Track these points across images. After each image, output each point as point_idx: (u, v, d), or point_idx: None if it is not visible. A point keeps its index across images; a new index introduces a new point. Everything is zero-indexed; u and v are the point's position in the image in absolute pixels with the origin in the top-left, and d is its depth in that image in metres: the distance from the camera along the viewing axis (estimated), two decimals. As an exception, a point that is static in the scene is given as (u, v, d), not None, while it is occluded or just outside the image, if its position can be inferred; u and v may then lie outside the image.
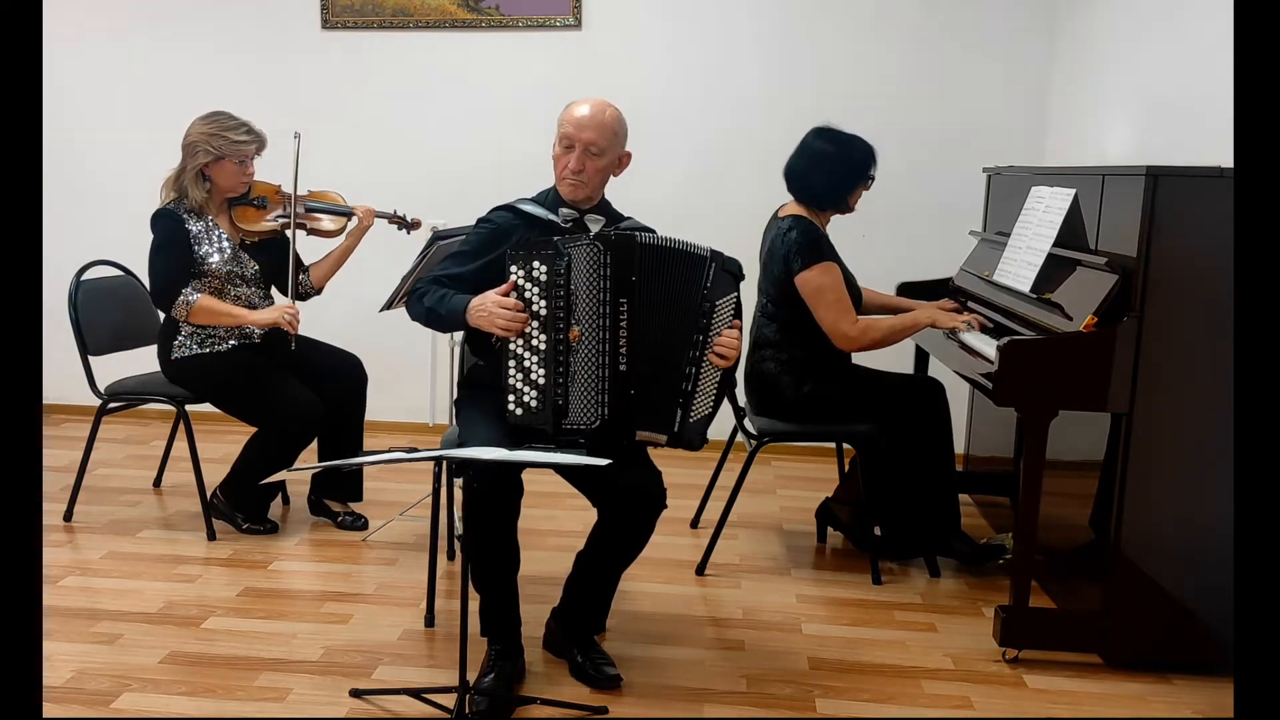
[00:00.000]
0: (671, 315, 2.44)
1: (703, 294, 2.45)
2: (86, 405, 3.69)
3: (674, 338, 2.45)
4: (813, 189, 3.10)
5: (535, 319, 2.40)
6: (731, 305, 2.50)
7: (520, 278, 2.40)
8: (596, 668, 2.51)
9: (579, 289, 2.39)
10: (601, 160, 2.56)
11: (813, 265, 3.00)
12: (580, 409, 2.41)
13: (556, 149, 2.58)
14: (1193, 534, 2.55)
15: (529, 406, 2.42)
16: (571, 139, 2.54)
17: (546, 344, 2.40)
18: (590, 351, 2.40)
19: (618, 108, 2.62)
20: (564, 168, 2.56)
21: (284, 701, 2.43)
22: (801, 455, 4.45)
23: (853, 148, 3.10)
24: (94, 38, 4.66)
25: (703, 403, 2.48)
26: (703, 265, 2.45)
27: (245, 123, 3.33)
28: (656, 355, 2.43)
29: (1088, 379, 2.52)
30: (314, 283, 3.56)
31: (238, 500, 3.44)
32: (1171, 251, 2.46)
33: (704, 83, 4.41)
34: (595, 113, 2.55)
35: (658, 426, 2.45)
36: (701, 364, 2.46)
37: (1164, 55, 3.28)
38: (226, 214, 3.39)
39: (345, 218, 3.54)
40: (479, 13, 4.46)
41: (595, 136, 2.53)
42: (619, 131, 2.59)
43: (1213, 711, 2.45)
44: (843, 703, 2.47)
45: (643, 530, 2.45)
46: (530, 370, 2.42)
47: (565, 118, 2.57)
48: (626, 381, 2.41)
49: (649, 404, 2.44)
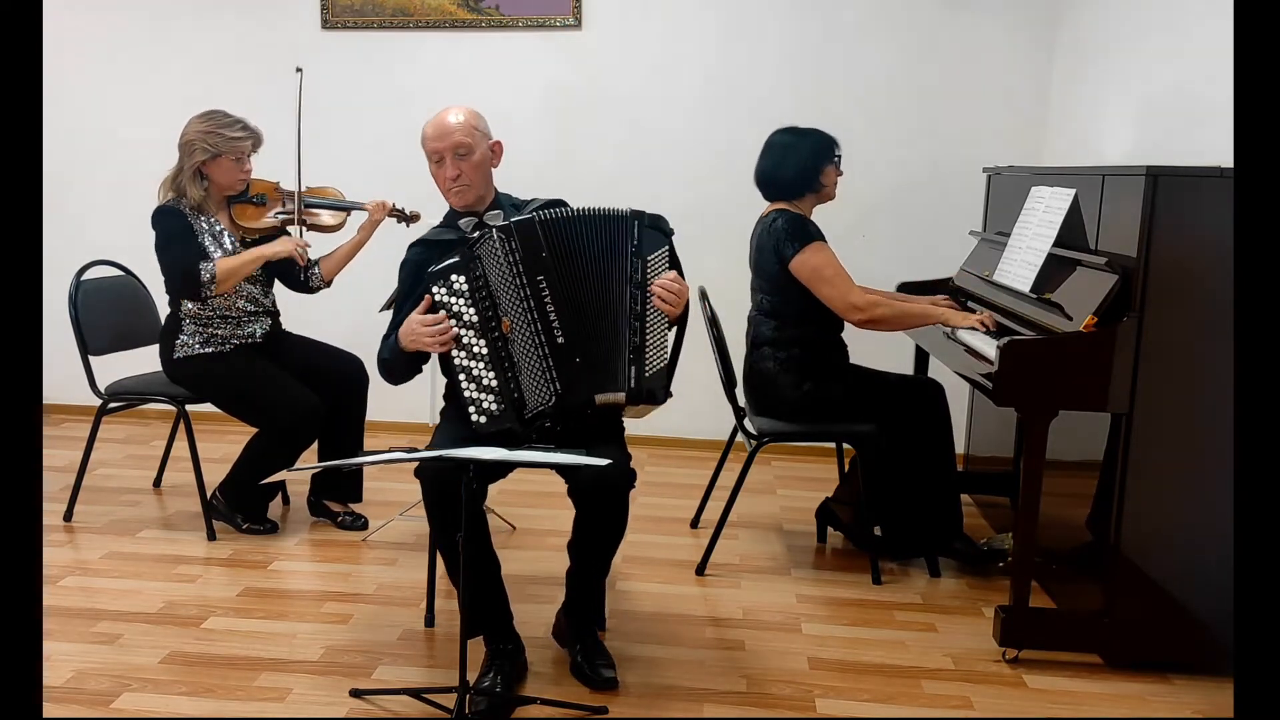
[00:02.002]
0: (598, 277, 2.47)
1: (630, 250, 2.47)
2: (86, 405, 3.69)
3: (607, 298, 2.47)
4: (783, 180, 3.14)
5: (469, 328, 2.44)
6: (664, 258, 2.50)
7: (443, 295, 2.44)
8: (594, 669, 2.50)
9: (497, 283, 2.44)
10: (473, 157, 2.59)
11: (804, 247, 3.02)
12: (534, 393, 2.44)
13: (431, 168, 2.63)
14: (1193, 534, 2.55)
15: (490, 413, 2.44)
16: (439, 152, 2.59)
17: (487, 347, 2.44)
18: (525, 335, 2.44)
19: (467, 107, 2.66)
20: (444, 181, 2.62)
21: (284, 701, 2.43)
22: (801, 455, 4.45)
23: (811, 134, 3.17)
24: (93, 38, 4.66)
25: (655, 355, 2.48)
26: (622, 223, 2.48)
27: (241, 120, 3.33)
28: (594, 319, 2.46)
29: (1088, 379, 2.52)
30: (324, 276, 3.54)
31: (237, 500, 3.44)
32: (1171, 251, 2.46)
33: (704, 82, 4.41)
34: (448, 119, 2.60)
35: (613, 386, 2.46)
36: (645, 317, 2.47)
37: (1164, 55, 3.28)
38: (226, 212, 3.38)
39: (345, 212, 3.54)
40: (479, 13, 4.46)
41: (459, 138, 2.57)
42: (477, 126, 2.63)
43: (1213, 711, 2.45)
44: (843, 703, 2.47)
45: (616, 510, 2.43)
46: (481, 377, 2.44)
47: (425, 138, 2.62)
48: (569, 352, 2.44)
49: (598, 367, 2.46)
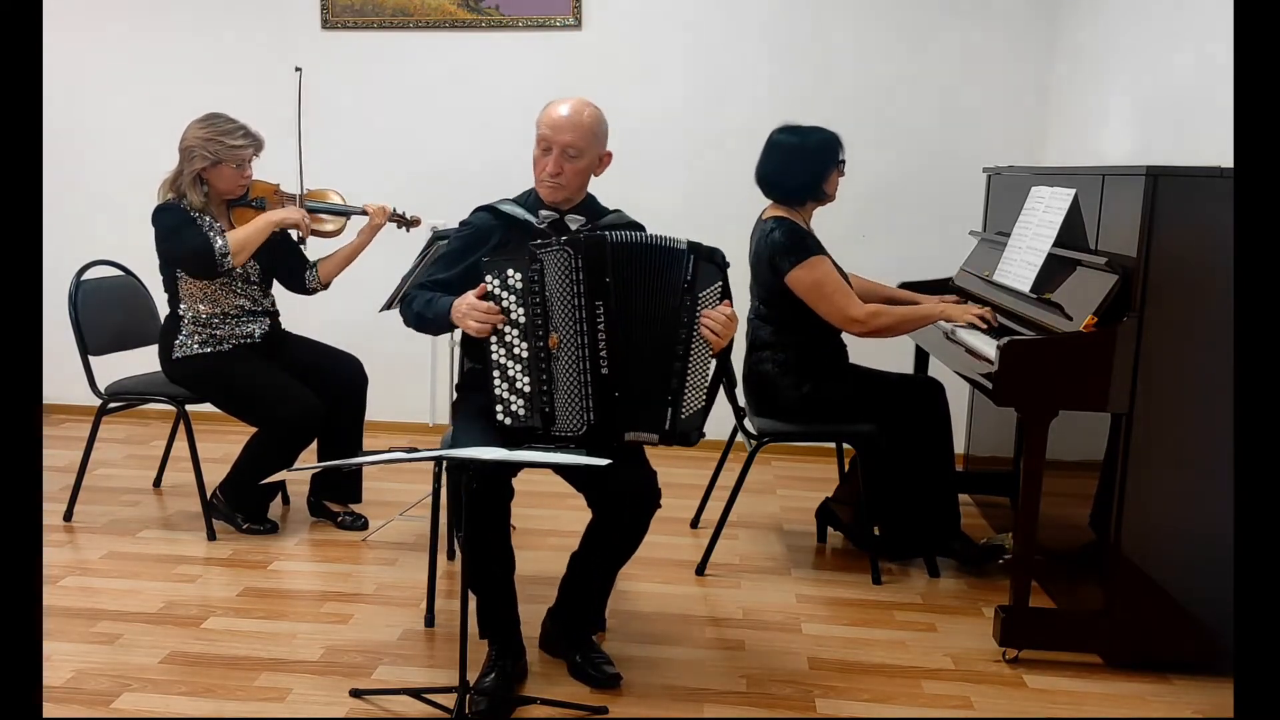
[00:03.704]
0: (652, 313, 2.41)
1: (684, 287, 2.41)
2: (86, 405, 3.69)
3: (657, 335, 2.42)
4: (788, 184, 3.11)
5: (514, 326, 2.38)
6: (717, 293, 2.44)
7: (496, 286, 2.37)
8: (596, 667, 2.51)
9: (553, 295, 2.36)
10: (580, 162, 2.51)
11: (801, 263, 3.00)
12: (566, 416, 2.39)
13: (535, 151, 2.54)
14: (1193, 534, 2.55)
15: (517, 415, 2.40)
16: (549, 141, 2.49)
17: (528, 351, 2.38)
18: (571, 357, 2.37)
19: (597, 107, 2.56)
20: (542, 170, 2.52)
21: (284, 701, 2.43)
22: (801, 455, 4.45)
23: (816, 135, 3.11)
24: (93, 37, 4.66)
25: (694, 396, 2.45)
26: (681, 258, 2.41)
27: (242, 125, 3.32)
28: (640, 355, 2.41)
29: (1088, 379, 2.52)
30: (321, 278, 3.54)
31: (237, 500, 3.44)
32: (1171, 251, 2.46)
33: (704, 82, 4.41)
34: (573, 114, 2.49)
35: (648, 426, 2.43)
36: (689, 359, 2.42)
37: (1164, 55, 3.28)
38: (226, 216, 3.39)
39: (344, 217, 3.53)
40: (479, 13, 4.46)
41: (573, 139, 2.48)
42: (598, 132, 2.53)
43: (1213, 711, 2.45)
44: (843, 703, 2.47)
45: (637, 529, 2.44)
46: (515, 379, 2.39)
47: (543, 119, 2.52)
48: (610, 385, 2.38)
49: (636, 405, 2.41)
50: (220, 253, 3.23)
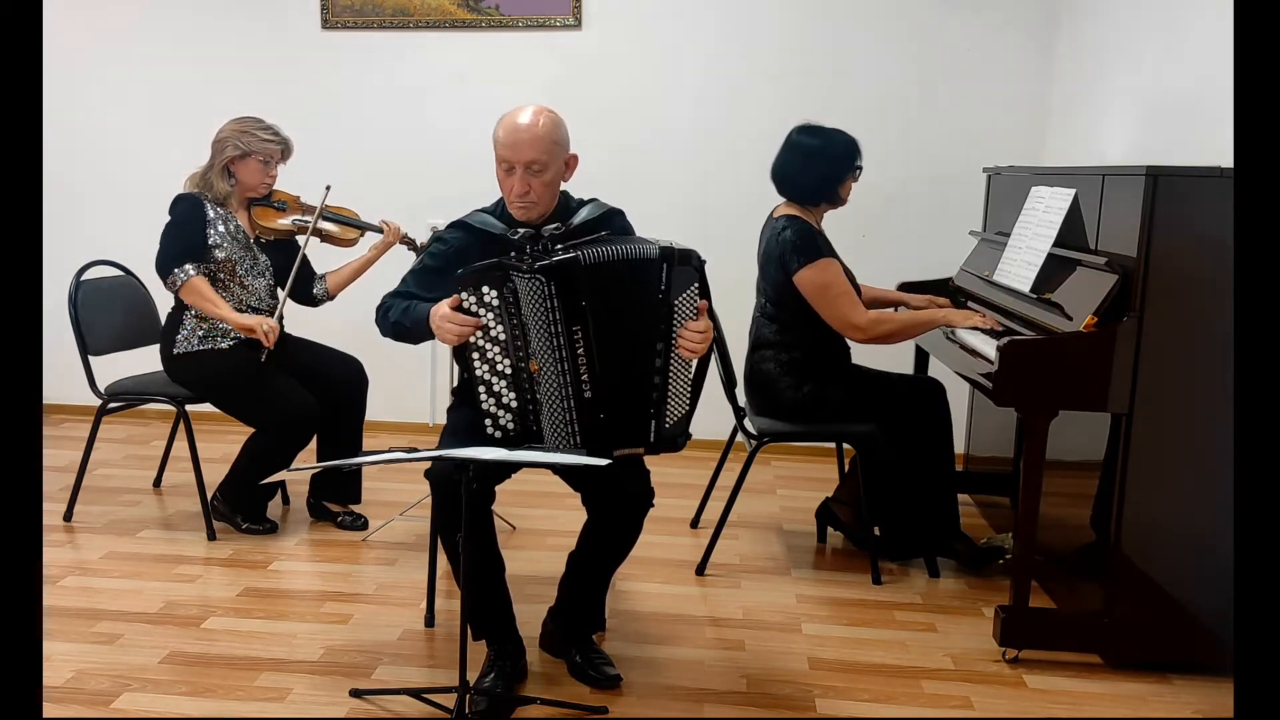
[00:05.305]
0: (630, 328, 2.33)
1: (659, 297, 2.33)
2: (86, 405, 3.70)
3: (636, 350, 2.35)
4: (804, 185, 3.10)
5: (494, 343, 2.33)
6: (694, 297, 2.38)
7: (472, 304, 2.30)
8: (596, 667, 2.51)
9: (530, 320, 2.29)
10: (546, 174, 2.40)
11: (810, 264, 3.00)
12: (554, 437, 2.36)
13: (498, 170, 2.43)
14: (1193, 534, 2.55)
15: (506, 430, 2.38)
16: (510, 162, 2.38)
17: (511, 369, 2.34)
18: (553, 384, 2.32)
19: (552, 111, 2.44)
20: (509, 192, 2.42)
21: (284, 701, 2.43)
22: (801, 455, 4.45)
23: (838, 139, 3.11)
24: (93, 37, 4.66)
25: (676, 405, 2.42)
26: (655, 268, 2.32)
27: (273, 127, 3.42)
28: (621, 372, 2.35)
29: (1088, 379, 2.52)
30: (329, 290, 3.61)
31: (236, 501, 3.45)
32: (1171, 251, 2.46)
33: (704, 82, 4.41)
34: (529, 128, 2.38)
35: (633, 441, 2.39)
36: (669, 370, 2.38)
37: (1164, 55, 3.28)
38: (246, 212, 3.45)
39: (359, 231, 3.60)
40: (479, 13, 4.46)
41: (534, 154, 2.37)
42: (558, 139, 2.41)
43: (1213, 711, 2.45)
44: (843, 703, 2.47)
45: (630, 530, 2.45)
46: (500, 394, 2.36)
47: (499, 139, 2.40)
48: (594, 407, 2.33)
49: (620, 422, 2.37)
50: (179, 274, 3.27)
